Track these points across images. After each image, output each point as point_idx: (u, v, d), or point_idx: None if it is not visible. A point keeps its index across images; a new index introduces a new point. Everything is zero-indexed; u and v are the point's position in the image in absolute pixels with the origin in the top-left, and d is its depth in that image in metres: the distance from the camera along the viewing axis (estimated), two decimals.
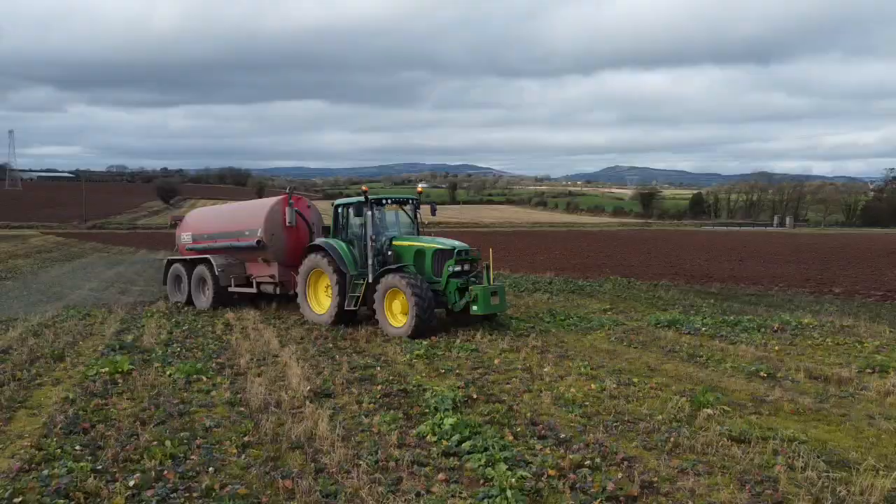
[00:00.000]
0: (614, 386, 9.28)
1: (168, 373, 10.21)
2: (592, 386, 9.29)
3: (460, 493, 5.84)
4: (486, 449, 6.70)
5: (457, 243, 14.16)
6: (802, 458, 6.44)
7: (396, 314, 13.64)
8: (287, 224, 16.49)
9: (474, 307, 13.20)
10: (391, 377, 10.04)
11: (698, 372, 10.28)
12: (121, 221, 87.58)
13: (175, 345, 12.66)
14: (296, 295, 15.92)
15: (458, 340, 12.56)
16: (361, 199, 14.60)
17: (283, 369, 10.55)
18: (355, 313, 14.75)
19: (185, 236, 19.45)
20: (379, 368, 10.66)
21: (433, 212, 16.25)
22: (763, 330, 13.45)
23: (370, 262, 14.19)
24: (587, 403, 8.49)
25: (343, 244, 14.85)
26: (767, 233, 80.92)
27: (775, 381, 9.63)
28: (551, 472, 6.12)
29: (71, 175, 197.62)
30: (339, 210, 15.36)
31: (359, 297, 14.22)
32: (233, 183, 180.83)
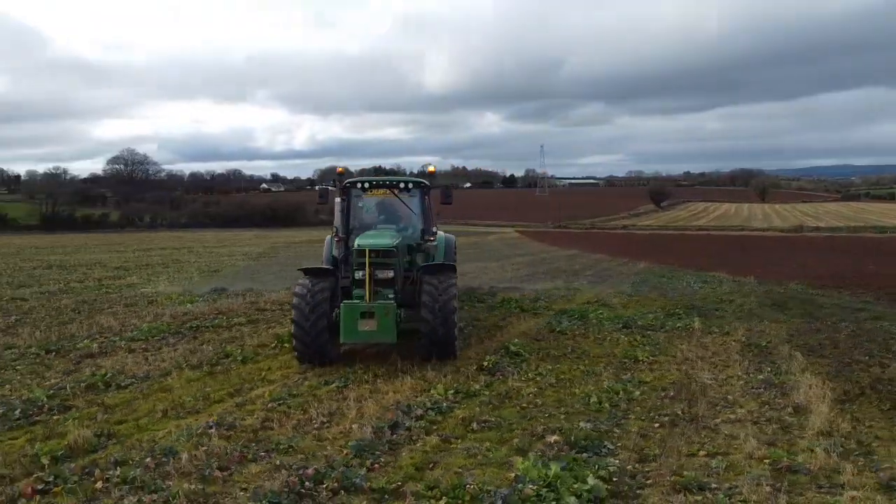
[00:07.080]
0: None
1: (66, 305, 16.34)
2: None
3: None
4: None
5: (377, 241, 10.55)
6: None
7: None
8: None
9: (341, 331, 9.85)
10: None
11: None
12: (593, 222, 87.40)
13: None
14: None
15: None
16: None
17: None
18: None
19: None
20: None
21: (446, 199, 12.32)
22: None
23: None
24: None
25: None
26: None
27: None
28: None
29: (595, 182, 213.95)
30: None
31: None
32: (742, 185, 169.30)
